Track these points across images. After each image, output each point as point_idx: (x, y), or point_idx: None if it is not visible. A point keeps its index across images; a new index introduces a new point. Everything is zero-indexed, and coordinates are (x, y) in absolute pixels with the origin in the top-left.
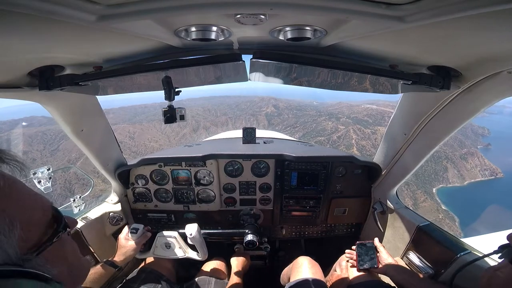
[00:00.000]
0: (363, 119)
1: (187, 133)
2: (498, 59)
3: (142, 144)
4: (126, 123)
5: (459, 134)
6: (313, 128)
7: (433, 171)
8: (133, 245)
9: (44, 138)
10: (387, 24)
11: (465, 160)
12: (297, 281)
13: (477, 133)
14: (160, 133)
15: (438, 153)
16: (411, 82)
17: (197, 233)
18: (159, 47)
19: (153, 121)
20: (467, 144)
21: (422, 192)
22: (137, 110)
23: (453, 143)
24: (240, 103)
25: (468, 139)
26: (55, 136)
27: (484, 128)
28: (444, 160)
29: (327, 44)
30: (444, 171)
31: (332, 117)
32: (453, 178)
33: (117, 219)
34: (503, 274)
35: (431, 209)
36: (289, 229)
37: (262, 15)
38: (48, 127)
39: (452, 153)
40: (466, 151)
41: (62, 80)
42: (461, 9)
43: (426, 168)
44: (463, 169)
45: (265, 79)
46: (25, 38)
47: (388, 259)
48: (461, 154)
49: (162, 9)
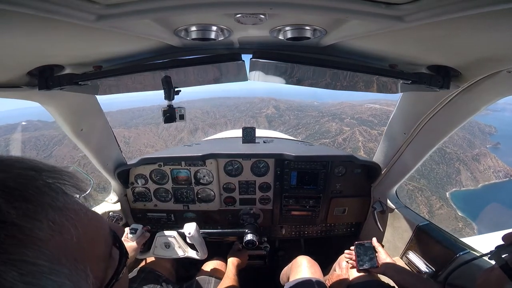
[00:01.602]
0: (368, 119)
1: (185, 137)
2: (497, 58)
3: (138, 149)
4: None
5: (467, 134)
6: (316, 130)
7: (445, 174)
8: (133, 245)
9: (37, 144)
10: (387, 24)
11: (477, 161)
12: (296, 280)
13: (484, 131)
14: (157, 137)
15: (449, 155)
16: (410, 81)
17: (195, 232)
18: (159, 47)
19: (149, 125)
20: (476, 144)
21: (437, 198)
22: (134, 113)
23: (462, 143)
24: (240, 104)
25: (477, 138)
26: (48, 142)
27: (491, 126)
28: (456, 162)
29: (327, 44)
30: (456, 173)
31: (336, 117)
32: (466, 181)
33: (116, 219)
34: (493, 277)
35: (448, 217)
36: (289, 229)
37: (262, 15)
38: (42, 132)
39: (463, 154)
40: (478, 151)
41: (61, 80)
42: (461, 9)
43: (438, 171)
44: (476, 171)
45: (265, 78)
46: (25, 37)
47: (387, 259)
48: (473, 155)
49: (161, 8)
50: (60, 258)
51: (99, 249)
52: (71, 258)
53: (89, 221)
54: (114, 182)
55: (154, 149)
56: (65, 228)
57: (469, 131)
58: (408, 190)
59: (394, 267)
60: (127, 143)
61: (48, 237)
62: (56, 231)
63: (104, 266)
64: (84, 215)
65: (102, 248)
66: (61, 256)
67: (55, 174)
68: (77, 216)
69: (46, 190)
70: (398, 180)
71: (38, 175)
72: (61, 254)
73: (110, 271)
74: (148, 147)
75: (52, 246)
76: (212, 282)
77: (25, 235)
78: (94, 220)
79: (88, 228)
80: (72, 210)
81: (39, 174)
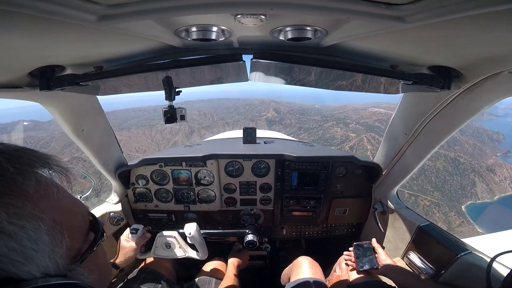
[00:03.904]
0: (374, 124)
1: (179, 141)
2: (498, 59)
3: (127, 154)
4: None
5: (477, 142)
6: (320, 136)
7: (459, 186)
8: (134, 246)
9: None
10: (388, 24)
11: (492, 172)
12: (297, 281)
13: (493, 138)
14: (150, 140)
15: (463, 165)
16: (411, 82)
17: (196, 232)
18: (160, 47)
19: (143, 127)
20: (487, 153)
21: (456, 215)
22: (129, 113)
23: (473, 151)
24: (239, 106)
25: (487, 146)
26: (35, 144)
27: (499, 133)
28: (471, 173)
29: (327, 44)
30: (471, 185)
31: (340, 122)
32: (482, 193)
33: (117, 219)
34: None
35: (470, 235)
36: (290, 229)
37: (263, 15)
38: (29, 133)
39: (478, 164)
40: (494, 161)
41: (62, 80)
42: (462, 9)
43: (452, 182)
44: (491, 182)
45: (265, 79)
46: (26, 38)
47: (387, 260)
48: (487, 165)
49: (162, 9)
50: (42, 209)
51: (76, 221)
52: (51, 215)
53: (69, 196)
54: (115, 183)
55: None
56: (49, 189)
57: (478, 138)
58: (424, 206)
59: (394, 268)
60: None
61: (34, 191)
62: (41, 189)
63: (80, 238)
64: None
65: (79, 221)
66: (43, 209)
67: (43, 155)
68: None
69: (37, 160)
70: (399, 180)
71: (31, 151)
72: (42, 207)
73: (86, 245)
74: (140, 151)
75: (36, 198)
76: (213, 282)
77: (17, 186)
78: (73, 198)
79: (68, 199)
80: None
81: (32, 151)
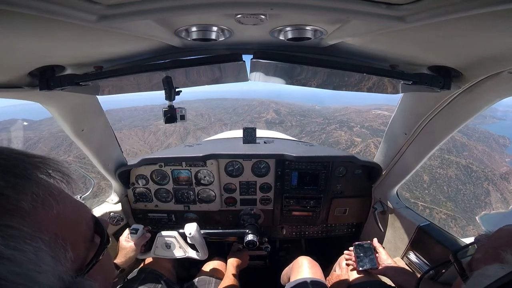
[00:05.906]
0: (379, 128)
1: (173, 143)
2: (498, 59)
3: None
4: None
5: (486, 147)
6: (323, 140)
7: (473, 196)
8: (133, 246)
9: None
10: (388, 24)
11: (506, 180)
12: (297, 281)
13: (499, 143)
14: (142, 142)
15: (476, 173)
16: (411, 82)
17: (196, 232)
18: (160, 47)
19: (135, 128)
20: (497, 159)
21: (475, 228)
22: (124, 113)
23: (482, 157)
24: (238, 106)
25: (495, 152)
26: (22, 145)
27: (505, 137)
28: (484, 181)
29: (327, 44)
30: (485, 194)
31: (343, 125)
32: (497, 203)
33: (117, 219)
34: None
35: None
36: (290, 229)
37: (263, 15)
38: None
39: (491, 172)
40: (507, 169)
41: (62, 80)
42: (462, 9)
43: (465, 192)
44: (505, 191)
45: (265, 79)
46: (26, 38)
47: (388, 260)
48: (501, 173)
49: (162, 9)
50: (41, 227)
51: (80, 230)
52: (51, 230)
53: (71, 203)
54: (115, 183)
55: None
56: (47, 202)
57: (486, 143)
58: (440, 219)
59: (395, 268)
60: None
61: (31, 208)
62: (39, 203)
63: (85, 247)
64: (66, 196)
65: (83, 229)
66: (42, 226)
67: (41, 158)
68: (60, 195)
69: (33, 169)
70: (399, 180)
71: (27, 158)
72: (41, 224)
73: (91, 253)
74: (130, 154)
75: (34, 215)
76: (213, 282)
77: (11, 204)
78: (76, 203)
79: (70, 208)
80: (56, 188)
81: (27, 157)
